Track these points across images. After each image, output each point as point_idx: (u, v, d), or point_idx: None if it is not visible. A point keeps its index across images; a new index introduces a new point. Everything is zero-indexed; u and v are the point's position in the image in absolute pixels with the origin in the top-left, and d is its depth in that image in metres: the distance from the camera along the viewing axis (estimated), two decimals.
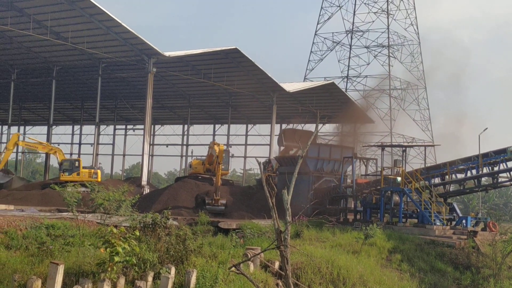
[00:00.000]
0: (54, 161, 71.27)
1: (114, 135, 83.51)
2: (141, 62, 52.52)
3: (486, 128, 59.74)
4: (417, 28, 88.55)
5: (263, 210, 34.30)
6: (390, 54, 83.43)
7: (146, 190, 49.53)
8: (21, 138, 53.96)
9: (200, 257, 21.56)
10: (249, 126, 78.96)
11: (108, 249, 17.84)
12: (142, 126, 57.82)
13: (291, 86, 63.94)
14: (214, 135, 78.00)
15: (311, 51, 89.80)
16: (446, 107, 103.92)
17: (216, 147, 46.13)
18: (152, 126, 74.40)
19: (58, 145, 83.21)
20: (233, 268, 20.12)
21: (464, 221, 39.17)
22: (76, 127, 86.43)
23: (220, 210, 43.61)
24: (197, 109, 75.49)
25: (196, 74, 59.54)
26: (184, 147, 79.25)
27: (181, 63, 58.05)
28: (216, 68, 58.42)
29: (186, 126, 78.69)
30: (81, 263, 18.71)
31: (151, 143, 74.93)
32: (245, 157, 78.51)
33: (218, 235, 30.74)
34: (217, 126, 79.48)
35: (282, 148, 58.45)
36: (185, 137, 79.52)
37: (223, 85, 60.19)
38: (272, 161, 55.62)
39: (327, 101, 68.77)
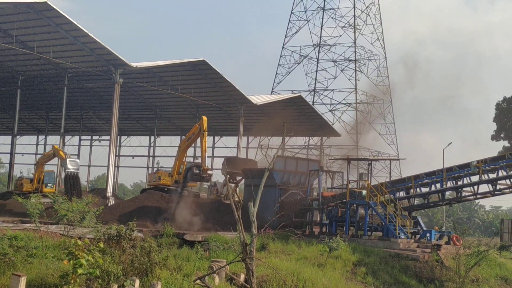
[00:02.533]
0: (16, 172, 70.44)
1: (79, 145, 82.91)
2: (108, 73, 52.16)
3: (450, 143, 60.63)
4: (384, 42, 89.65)
5: (230, 223, 34.24)
6: (357, 68, 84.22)
7: (111, 202, 49.10)
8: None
9: (165, 270, 21.39)
10: (216, 138, 78.93)
11: (71, 261, 17.59)
12: (108, 137, 57.46)
13: (258, 99, 64.12)
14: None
15: (278, 64, 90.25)
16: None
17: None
18: (118, 137, 73.87)
19: (22, 155, 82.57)
20: (198, 281, 20.01)
21: (428, 234, 39.44)
22: (41, 137, 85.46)
23: (207, 180, 45.79)
24: (164, 121, 75.26)
25: (164, 86, 59.33)
26: (151, 158, 78.86)
27: (148, 74, 57.83)
28: (183, 79, 58.32)
29: (152, 138, 78.34)
30: (44, 275, 18.46)
31: (117, 154, 74.48)
32: (212, 169, 78.22)
33: (184, 247, 30.58)
34: (183, 137, 79.15)
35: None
36: (152, 148, 79.16)
37: (190, 96, 60.10)
38: (218, 184, 56.06)
39: (294, 114, 69.05)
